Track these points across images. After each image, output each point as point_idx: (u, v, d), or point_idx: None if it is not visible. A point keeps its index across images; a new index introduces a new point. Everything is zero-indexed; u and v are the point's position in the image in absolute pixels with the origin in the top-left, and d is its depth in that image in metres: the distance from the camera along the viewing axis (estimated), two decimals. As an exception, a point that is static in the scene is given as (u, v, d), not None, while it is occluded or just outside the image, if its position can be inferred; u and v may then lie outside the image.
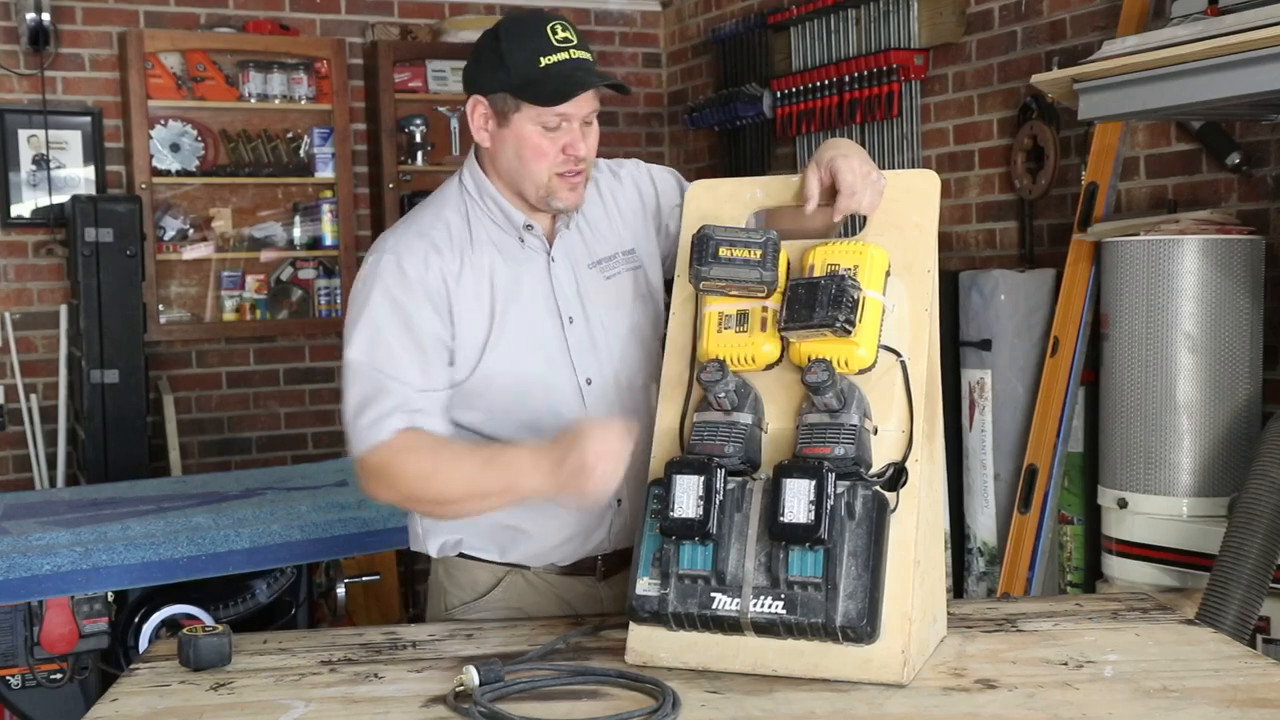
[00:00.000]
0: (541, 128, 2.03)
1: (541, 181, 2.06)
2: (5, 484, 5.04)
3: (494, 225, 2.13)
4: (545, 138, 2.04)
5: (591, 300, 2.14)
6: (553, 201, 2.08)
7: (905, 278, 1.90)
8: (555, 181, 2.06)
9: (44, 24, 4.95)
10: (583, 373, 2.12)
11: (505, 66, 2.02)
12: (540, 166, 2.05)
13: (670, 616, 1.82)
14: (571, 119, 2.04)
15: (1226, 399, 3.05)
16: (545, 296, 2.12)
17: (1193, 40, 2.76)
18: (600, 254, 2.17)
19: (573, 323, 2.13)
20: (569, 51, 2.02)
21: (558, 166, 2.05)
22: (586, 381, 2.12)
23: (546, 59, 2.01)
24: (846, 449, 1.78)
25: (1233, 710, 1.67)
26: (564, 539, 2.16)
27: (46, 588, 3.08)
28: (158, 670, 1.97)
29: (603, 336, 2.14)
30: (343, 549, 3.45)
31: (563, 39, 2.03)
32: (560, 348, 2.12)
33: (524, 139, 2.04)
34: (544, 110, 2.02)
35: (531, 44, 2.01)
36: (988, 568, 3.77)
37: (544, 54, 2.01)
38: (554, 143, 2.04)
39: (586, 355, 2.13)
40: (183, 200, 5.33)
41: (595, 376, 2.13)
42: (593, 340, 2.13)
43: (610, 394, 2.13)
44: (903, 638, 1.77)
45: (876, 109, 4.47)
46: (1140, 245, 3.12)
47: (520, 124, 2.04)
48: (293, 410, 5.54)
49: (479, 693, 1.75)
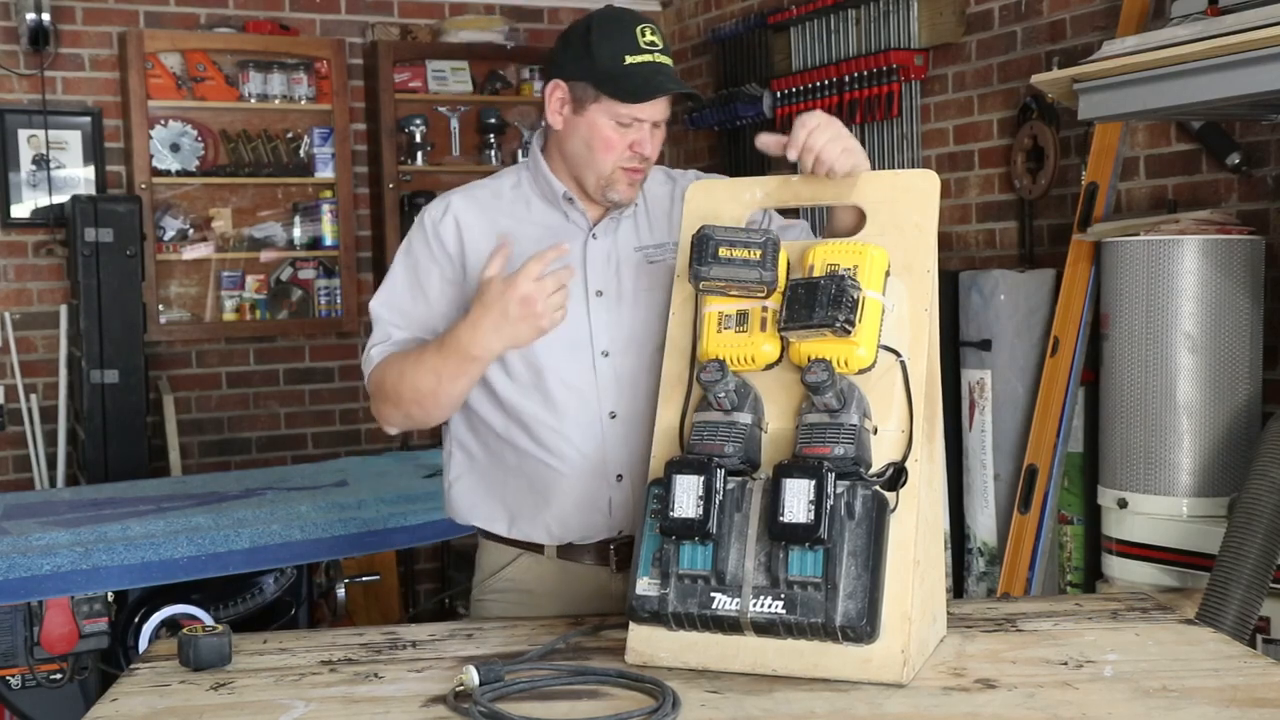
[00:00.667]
0: (615, 122, 2.12)
1: (604, 173, 2.15)
2: (5, 484, 5.04)
3: (541, 200, 2.24)
4: (616, 132, 2.12)
5: (627, 279, 2.20)
6: (609, 193, 2.17)
7: (905, 278, 1.90)
8: (618, 174, 2.15)
9: (44, 24, 4.95)
10: (600, 345, 2.17)
11: (591, 57, 2.10)
12: (607, 158, 2.14)
13: (670, 616, 1.82)
14: (643, 120, 2.12)
15: (1226, 399, 3.05)
16: (575, 267, 2.15)
17: (1193, 40, 2.76)
18: (650, 241, 2.24)
19: (600, 296, 2.19)
20: (654, 55, 2.11)
21: (623, 161, 2.14)
22: (603, 354, 2.17)
23: (632, 58, 2.09)
24: (846, 449, 1.78)
25: (1232, 710, 1.67)
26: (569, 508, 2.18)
27: (46, 588, 3.08)
28: (158, 670, 1.97)
29: (630, 314, 2.18)
30: (343, 549, 3.46)
31: (649, 42, 2.11)
32: (581, 318, 2.16)
33: (596, 130, 2.13)
34: (620, 106, 2.10)
35: (620, 41, 2.10)
36: (988, 568, 3.78)
37: (630, 53, 2.09)
38: (623, 138, 2.13)
39: (609, 329, 2.18)
40: (183, 200, 5.33)
41: (613, 350, 2.17)
42: (619, 316, 2.18)
43: (625, 369, 2.17)
44: (902, 637, 1.77)
45: (876, 109, 4.47)
46: (1140, 245, 3.12)
47: (595, 115, 2.12)
48: (293, 410, 5.54)
49: (479, 692, 1.75)
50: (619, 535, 2.21)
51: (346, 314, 5.47)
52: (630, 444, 2.15)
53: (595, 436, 2.16)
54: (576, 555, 2.23)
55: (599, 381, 2.17)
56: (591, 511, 2.19)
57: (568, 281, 2.00)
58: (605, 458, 2.17)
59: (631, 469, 2.15)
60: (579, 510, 2.19)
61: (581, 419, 2.16)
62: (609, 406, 2.17)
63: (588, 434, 2.16)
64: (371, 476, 4.01)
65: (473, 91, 5.70)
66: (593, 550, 2.22)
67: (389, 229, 5.46)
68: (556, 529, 2.21)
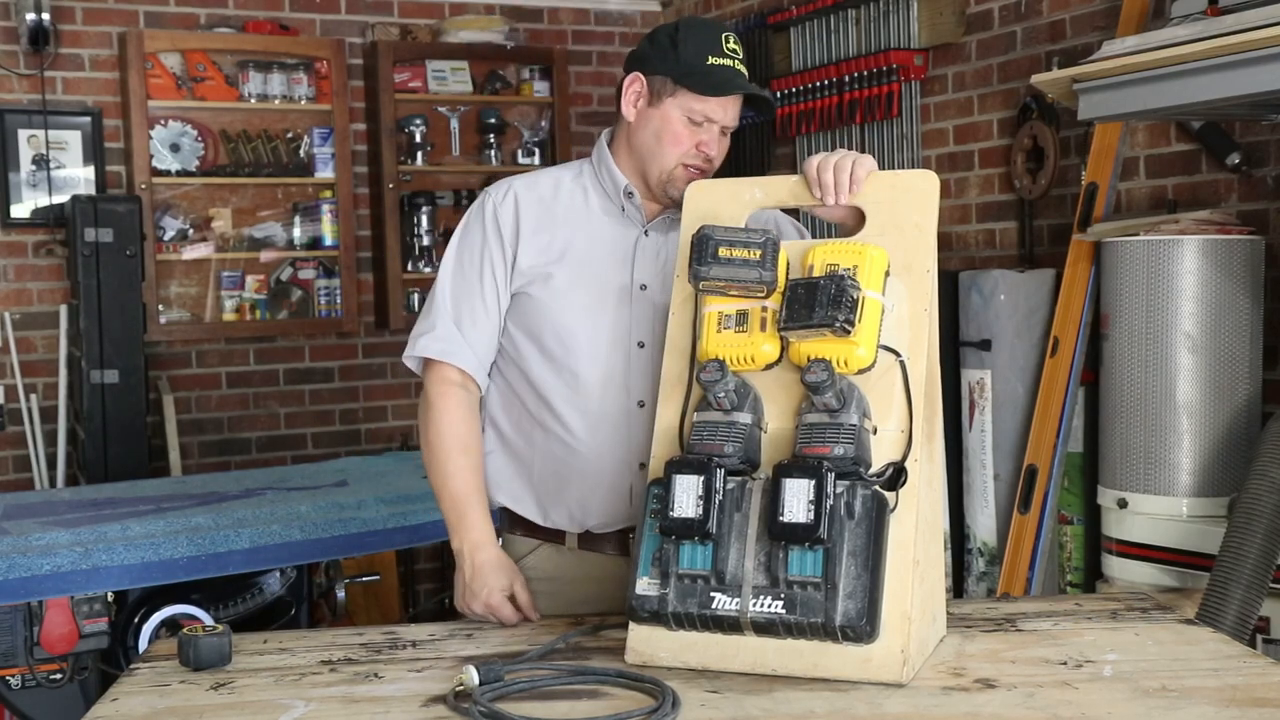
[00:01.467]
0: (687, 118, 2.19)
1: (668, 167, 2.21)
2: (5, 484, 5.04)
3: (601, 192, 2.30)
4: (687, 128, 2.20)
5: (672, 277, 2.21)
6: (670, 189, 2.22)
7: (905, 278, 1.90)
8: (679, 171, 2.21)
9: (44, 24, 4.95)
10: (637, 336, 2.22)
11: (677, 54, 2.19)
12: (673, 152, 2.20)
13: (670, 616, 1.82)
14: (715, 121, 2.20)
15: (1226, 399, 3.05)
16: (625, 260, 2.24)
17: (1193, 40, 2.76)
18: None
19: (644, 290, 2.23)
20: (734, 61, 2.21)
21: (688, 158, 2.20)
22: (639, 344, 2.22)
23: (714, 59, 2.19)
24: (846, 449, 1.78)
25: (1232, 710, 1.67)
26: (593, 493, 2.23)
27: (46, 588, 3.08)
28: (158, 670, 1.97)
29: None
30: (343, 549, 3.45)
31: (732, 49, 2.21)
32: (623, 309, 2.22)
33: (668, 122, 2.20)
34: (696, 102, 2.18)
35: (705, 42, 2.19)
36: (987, 568, 3.78)
37: (713, 54, 2.19)
38: (692, 135, 2.20)
39: (647, 322, 2.21)
40: (183, 200, 5.33)
41: (649, 343, 2.21)
42: (661, 310, 2.20)
43: (658, 360, 2.18)
44: (902, 637, 1.77)
45: (876, 109, 4.47)
46: (1140, 245, 3.12)
47: (670, 108, 2.20)
48: (292, 410, 5.54)
49: (479, 692, 1.75)
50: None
51: (346, 314, 5.47)
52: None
53: (622, 424, 2.21)
54: (598, 545, 2.27)
55: (630, 371, 2.21)
56: (614, 498, 2.22)
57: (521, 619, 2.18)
58: (630, 446, 2.20)
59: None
60: (601, 496, 2.23)
61: (609, 406, 2.21)
62: (638, 396, 2.21)
63: (615, 421, 2.21)
64: (371, 476, 4.01)
65: (473, 91, 5.70)
66: (614, 539, 2.26)
67: (389, 229, 5.46)
68: (579, 514, 2.25)
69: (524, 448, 2.28)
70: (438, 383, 2.26)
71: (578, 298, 2.22)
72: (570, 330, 2.21)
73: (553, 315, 2.22)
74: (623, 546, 2.25)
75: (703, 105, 2.18)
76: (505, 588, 2.18)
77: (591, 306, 2.22)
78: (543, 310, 2.23)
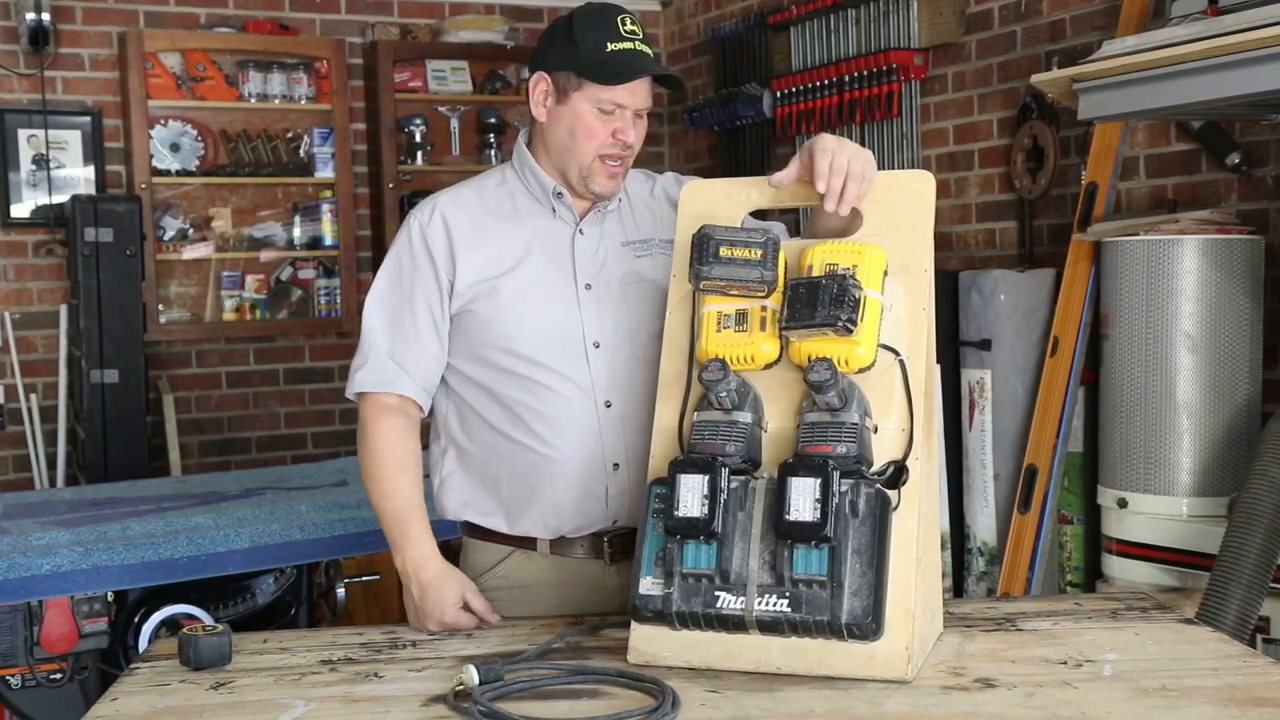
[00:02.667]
0: (598, 109, 2.16)
1: (585, 162, 2.18)
2: (5, 484, 5.04)
3: (529, 196, 2.26)
4: (599, 119, 2.16)
5: (615, 272, 2.23)
6: (591, 185, 2.20)
7: (903, 277, 1.90)
8: (597, 164, 2.18)
9: (44, 24, 4.95)
10: (591, 337, 2.20)
11: (575, 47, 2.15)
12: (589, 146, 2.17)
13: (674, 616, 1.82)
14: (625, 107, 2.16)
15: (1226, 399, 3.05)
16: (564, 261, 2.22)
17: (1192, 40, 2.76)
18: (635, 237, 2.27)
19: (590, 289, 2.21)
20: (634, 43, 2.16)
21: (604, 148, 2.17)
22: (594, 345, 2.19)
23: (614, 45, 2.14)
24: (848, 447, 1.79)
25: (1231, 709, 1.67)
26: (566, 498, 2.20)
27: (46, 588, 3.08)
28: (158, 670, 1.97)
29: (619, 306, 2.21)
30: (343, 549, 3.45)
31: (630, 30, 2.16)
32: (572, 311, 2.20)
33: (579, 117, 2.16)
34: (603, 92, 2.14)
35: (602, 30, 2.15)
36: (987, 567, 3.78)
37: (612, 41, 2.14)
38: (606, 125, 2.16)
39: (598, 321, 2.20)
40: (183, 200, 5.33)
41: (604, 342, 2.19)
42: (609, 308, 2.21)
43: (617, 360, 2.20)
44: (906, 634, 1.77)
45: (876, 109, 4.47)
46: (1140, 245, 3.12)
47: (579, 103, 2.16)
48: (293, 410, 5.54)
49: (479, 692, 1.75)
50: (614, 526, 2.22)
51: (346, 314, 5.47)
52: (627, 433, 2.18)
53: (591, 426, 2.18)
54: (569, 550, 2.24)
55: (592, 372, 2.19)
56: (589, 501, 2.20)
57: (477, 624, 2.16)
58: (602, 447, 2.18)
59: (628, 458, 2.18)
60: (576, 500, 2.20)
61: (576, 409, 2.18)
62: (604, 396, 2.19)
63: (584, 424, 2.18)
64: (371, 476, 4.00)
65: (473, 91, 5.70)
66: (586, 543, 2.23)
67: (389, 229, 5.45)
68: (553, 520, 2.22)
69: (489, 462, 2.24)
70: (373, 409, 2.22)
71: (524, 308, 2.19)
72: (522, 341, 2.18)
73: (502, 329, 2.19)
74: (595, 549, 2.23)
75: (610, 94, 2.14)
76: (457, 601, 2.15)
77: (539, 314, 2.19)
78: (491, 326, 2.19)
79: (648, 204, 2.31)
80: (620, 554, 2.22)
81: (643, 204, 2.31)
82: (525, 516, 2.23)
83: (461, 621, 2.14)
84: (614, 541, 2.22)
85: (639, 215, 2.29)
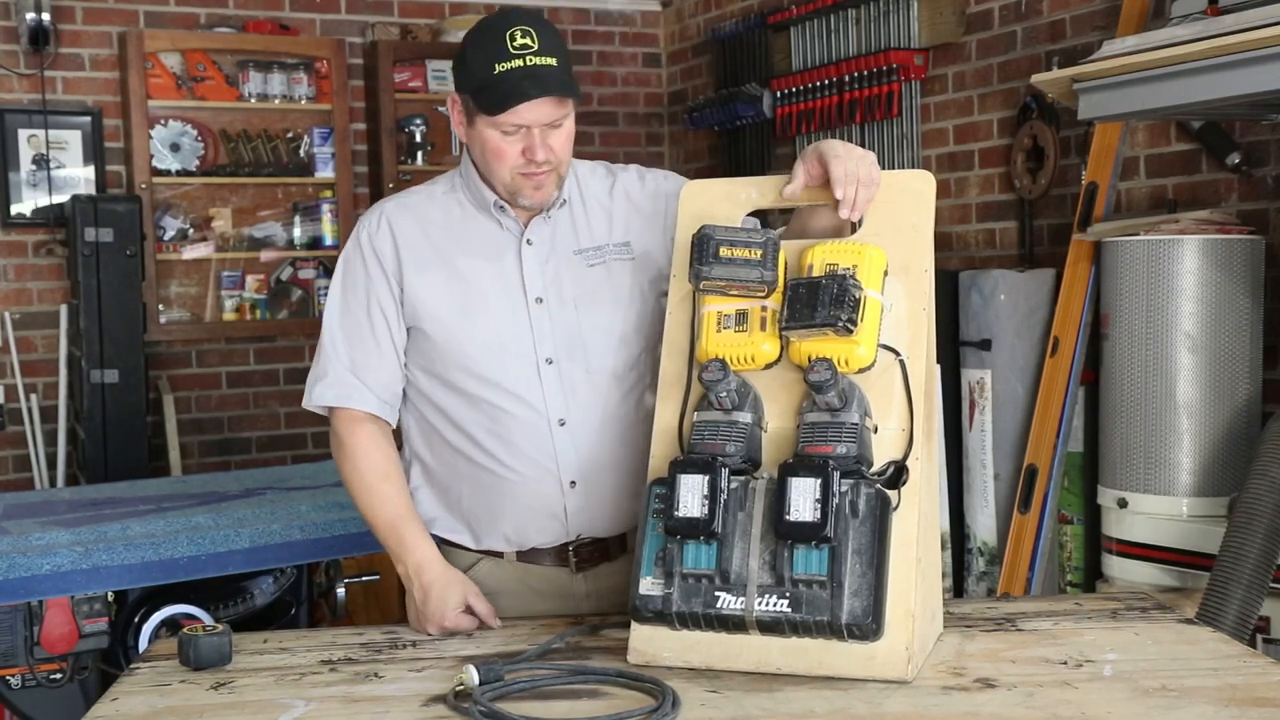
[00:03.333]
0: (500, 132, 2.07)
1: (505, 181, 2.12)
2: (5, 484, 5.04)
3: (474, 207, 2.20)
4: (504, 141, 2.07)
5: (567, 285, 2.17)
6: (519, 199, 2.14)
7: (902, 278, 1.90)
8: (519, 180, 2.11)
9: (44, 24, 4.95)
10: (543, 352, 2.15)
11: (467, 70, 2.07)
12: (501, 167, 2.10)
13: (674, 616, 1.82)
14: (525, 125, 2.05)
15: (1226, 399, 3.05)
16: (513, 275, 2.16)
17: (1192, 40, 2.76)
18: (587, 243, 2.20)
19: (541, 303, 2.16)
20: (524, 59, 2.02)
21: (519, 168, 2.09)
22: (546, 361, 2.15)
23: (501, 66, 2.02)
24: (849, 447, 1.79)
25: (1231, 709, 1.67)
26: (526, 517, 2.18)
27: (46, 588, 3.08)
28: (158, 670, 1.97)
29: (574, 319, 2.16)
30: (343, 549, 3.45)
31: (520, 45, 2.02)
32: (523, 326, 2.15)
33: (485, 141, 2.09)
34: (499, 119, 2.04)
35: (489, 50, 2.03)
36: (988, 568, 3.78)
37: (499, 60, 2.02)
38: (513, 146, 2.08)
39: (550, 336, 2.15)
40: (183, 200, 5.33)
41: (557, 357, 2.15)
42: (561, 322, 2.16)
43: (571, 376, 2.16)
44: (906, 635, 1.77)
45: (876, 109, 4.47)
46: (1140, 245, 3.12)
47: (481, 127, 2.08)
48: (293, 410, 5.53)
49: (479, 692, 1.75)
50: (577, 539, 2.20)
51: (346, 314, 5.46)
52: (581, 450, 2.15)
53: (545, 444, 2.14)
54: (537, 558, 2.22)
55: (545, 389, 2.14)
56: (547, 518, 2.18)
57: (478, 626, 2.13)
58: (557, 465, 2.15)
59: (584, 475, 2.15)
60: (534, 517, 2.18)
61: (529, 428, 2.14)
62: (557, 414, 2.14)
63: (537, 442, 2.14)
64: (371, 476, 3.99)
65: (473, 91, 5.70)
66: (552, 553, 2.21)
67: (389, 229, 5.45)
68: (514, 536, 2.20)
69: (450, 479, 2.22)
70: (345, 422, 2.19)
71: (473, 327, 2.14)
72: (473, 359, 2.14)
73: (453, 349, 2.15)
74: (560, 558, 2.21)
75: (507, 116, 2.03)
76: (458, 604, 2.12)
77: (489, 332, 2.14)
78: (441, 346, 2.15)
79: (603, 204, 2.22)
80: (586, 562, 2.21)
81: (597, 204, 2.22)
82: (489, 535, 2.22)
83: (463, 625, 2.12)
84: (579, 551, 2.21)
85: (592, 217, 2.21)
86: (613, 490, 2.17)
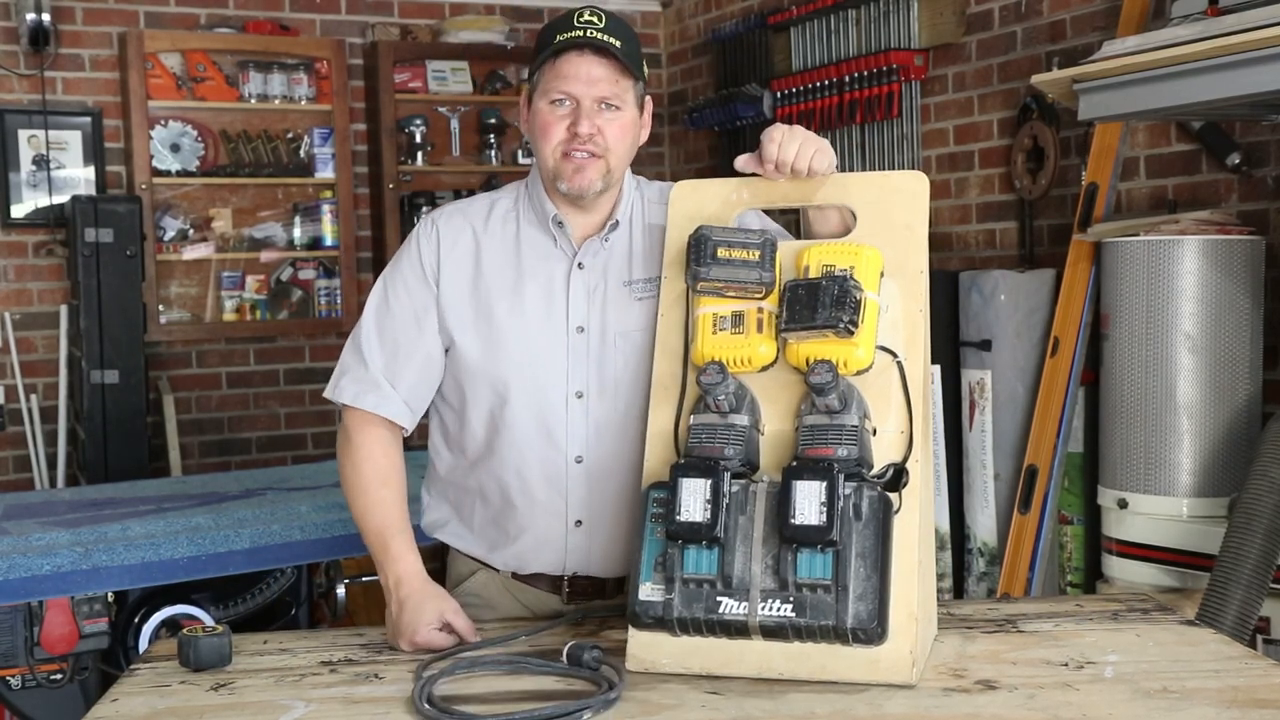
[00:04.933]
0: (549, 102, 2.07)
1: (550, 164, 2.09)
2: (5, 484, 5.04)
3: (532, 222, 2.17)
4: (553, 114, 2.07)
5: (612, 317, 2.11)
6: (560, 184, 2.09)
7: (898, 278, 1.90)
8: (561, 163, 2.07)
9: (44, 24, 4.95)
10: (575, 384, 2.10)
11: (537, 50, 2.10)
12: (547, 145, 2.08)
13: (675, 622, 1.80)
14: (576, 97, 2.05)
15: (1226, 399, 3.05)
16: (559, 299, 2.12)
17: (1193, 40, 2.76)
18: (639, 275, 2.13)
19: (581, 333, 2.11)
20: (585, 31, 2.04)
21: (563, 144, 2.06)
22: (577, 395, 2.10)
23: (563, 35, 2.05)
24: (849, 450, 1.78)
25: (1233, 711, 1.67)
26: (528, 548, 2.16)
27: (46, 588, 3.08)
28: (158, 670, 1.97)
29: (611, 355, 2.10)
30: (343, 549, 3.45)
31: (585, 21, 2.06)
32: (560, 354, 2.10)
33: (537, 115, 2.09)
34: (549, 81, 2.06)
35: (558, 25, 2.07)
36: (988, 568, 3.78)
37: (562, 32, 2.06)
38: (559, 120, 2.07)
39: (585, 368, 2.10)
40: (183, 200, 5.33)
41: (588, 393, 2.10)
42: (599, 355, 2.10)
43: (597, 413, 2.10)
44: (909, 638, 1.76)
45: (876, 109, 4.47)
46: (1140, 245, 3.12)
47: (537, 101, 2.09)
48: (293, 410, 5.54)
49: (420, 671, 1.79)
50: (573, 575, 2.17)
51: (346, 314, 5.47)
52: (594, 491, 2.10)
53: (558, 480, 2.11)
54: (533, 581, 2.19)
55: (569, 424, 2.09)
56: (548, 550, 2.15)
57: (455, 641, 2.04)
58: (567, 503, 2.11)
59: (591, 515, 2.11)
60: (536, 550, 2.15)
61: (545, 461, 2.10)
62: (575, 451, 2.10)
63: (550, 478, 2.11)
64: (371, 476, 3.99)
65: (473, 91, 5.70)
66: (546, 579, 2.18)
67: (389, 229, 5.46)
68: (514, 562, 2.18)
69: (465, 494, 2.19)
70: (357, 420, 2.17)
71: (507, 348, 2.10)
72: (502, 381, 2.10)
73: (483, 368, 2.11)
74: (554, 587, 2.17)
75: (555, 80, 2.04)
76: (433, 621, 2.02)
77: (522, 355, 2.10)
78: (470, 363, 2.12)
79: (658, 237, 2.11)
80: (577, 596, 2.17)
81: (654, 237, 2.13)
82: (491, 553, 2.19)
83: (435, 642, 2.01)
84: (573, 583, 2.17)
85: (651, 249, 2.13)
86: (617, 533, 2.10)
